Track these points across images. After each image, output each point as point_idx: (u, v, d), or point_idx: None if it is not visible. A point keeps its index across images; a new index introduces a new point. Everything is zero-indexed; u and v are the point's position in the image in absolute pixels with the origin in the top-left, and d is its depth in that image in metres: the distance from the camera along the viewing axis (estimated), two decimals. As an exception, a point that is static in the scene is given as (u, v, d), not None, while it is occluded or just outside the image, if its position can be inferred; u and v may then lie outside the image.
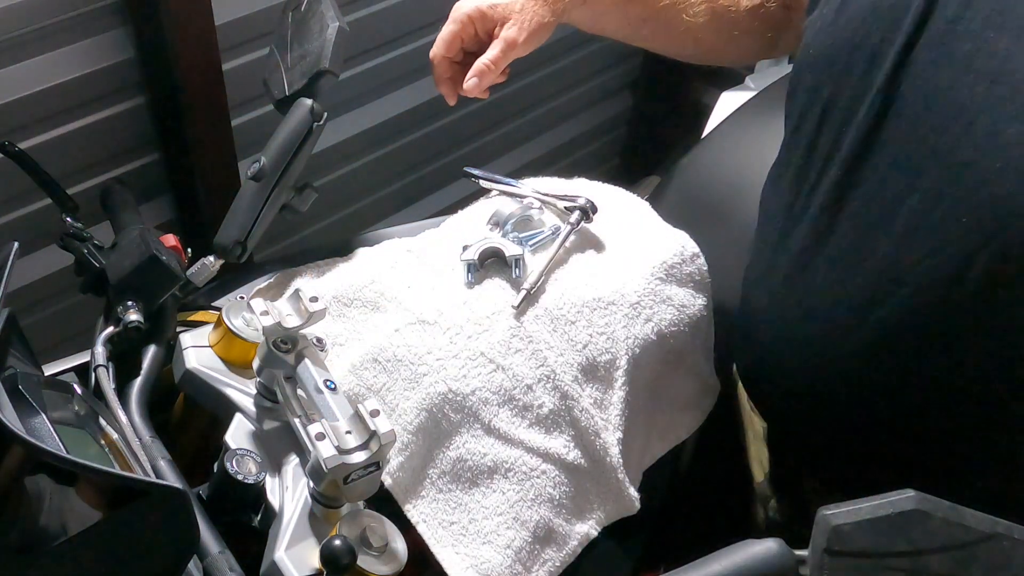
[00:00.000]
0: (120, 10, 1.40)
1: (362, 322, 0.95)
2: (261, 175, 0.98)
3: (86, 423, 0.78)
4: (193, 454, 0.98)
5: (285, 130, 0.99)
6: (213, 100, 1.51)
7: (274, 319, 0.83)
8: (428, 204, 2.09)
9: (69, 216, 1.03)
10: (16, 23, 1.30)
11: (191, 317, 1.04)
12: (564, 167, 2.33)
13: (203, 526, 0.77)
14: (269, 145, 0.99)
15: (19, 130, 1.38)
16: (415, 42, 1.81)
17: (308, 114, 0.99)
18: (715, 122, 1.39)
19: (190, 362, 0.90)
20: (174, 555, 0.70)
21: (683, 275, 0.98)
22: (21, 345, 0.81)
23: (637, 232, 1.01)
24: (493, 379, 0.86)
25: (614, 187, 1.09)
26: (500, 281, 0.93)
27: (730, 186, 1.24)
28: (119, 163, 1.53)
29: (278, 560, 0.76)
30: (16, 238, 0.80)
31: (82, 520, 0.67)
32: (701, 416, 1.00)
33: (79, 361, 0.95)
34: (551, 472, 0.85)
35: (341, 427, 0.77)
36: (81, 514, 0.67)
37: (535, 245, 0.96)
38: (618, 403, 0.89)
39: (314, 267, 1.06)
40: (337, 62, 1.00)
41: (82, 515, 0.67)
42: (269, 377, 0.86)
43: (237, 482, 0.80)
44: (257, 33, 1.55)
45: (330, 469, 0.75)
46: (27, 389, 0.73)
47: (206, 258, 1.00)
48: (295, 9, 1.07)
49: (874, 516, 0.66)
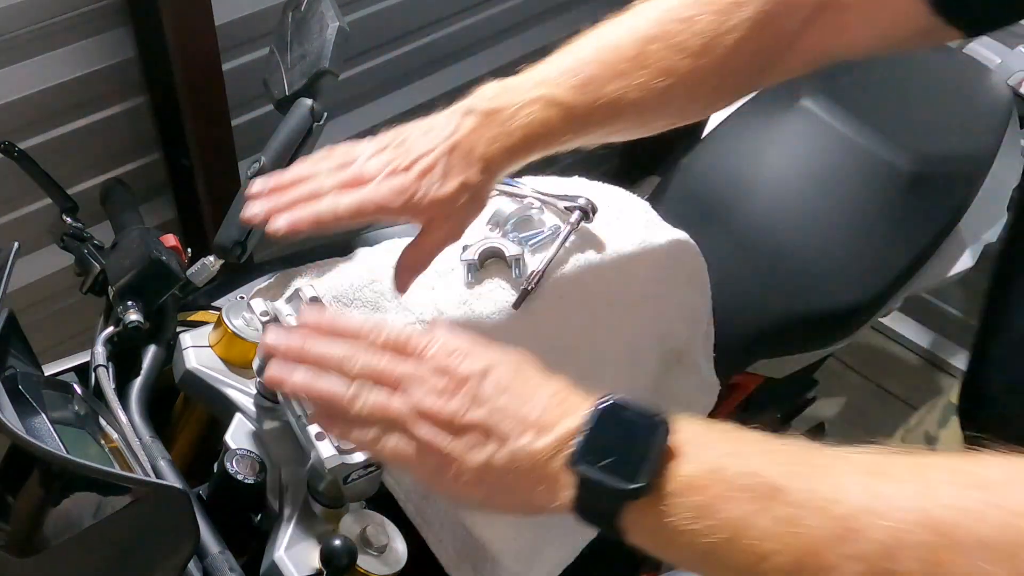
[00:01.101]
0: (120, 10, 1.40)
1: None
2: (261, 175, 0.98)
3: (86, 423, 0.78)
4: (193, 454, 0.98)
5: (285, 130, 0.99)
6: (213, 100, 1.51)
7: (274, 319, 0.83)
8: (428, 204, 2.09)
9: (69, 216, 1.03)
10: (16, 23, 1.30)
11: (191, 317, 1.04)
12: (564, 167, 2.33)
13: (203, 526, 0.77)
14: (269, 145, 0.99)
15: (19, 130, 1.38)
16: (415, 42, 1.80)
17: (308, 114, 0.99)
18: (715, 122, 1.38)
19: (190, 362, 0.90)
20: (174, 555, 0.70)
21: (683, 275, 0.99)
22: (21, 345, 0.81)
23: (637, 232, 1.01)
24: (493, 379, 0.86)
25: (614, 187, 1.10)
26: (500, 281, 0.93)
27: (730, 186, 1.24)
28: (119, 163, 1.53)
29: (278, 560, 0.76)
30: (16, 238, 0.80)
31: (82, 520, 0.67)
32: (701, 415, 1.00)
33: (79, 361, 0.95)
34: (551, 472, 0.85)
35: (341, 427, 0.77)
36: (81, 514, 0.67)
37: (535, 245, 0.96)
38: (618, 403, 0.89)
39: (314, 267, 1.06)
40: (337, 62, 1.00)
41: (82, 515, 0.67)
42: (269, 377, 0.86)
43: (237, 482, 0.80)
44: (257, 33, 1.55)
45: (330, 469, 0.75)
46: (27, 389, 0.73)
47: (206, 258, 1.00)
48: (295, 9, 1.07)
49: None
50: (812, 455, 0.57)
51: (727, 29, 0.82)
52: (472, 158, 0.80)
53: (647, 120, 0.87)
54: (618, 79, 0.82)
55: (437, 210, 0.80)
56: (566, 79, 0.81)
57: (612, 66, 0.82)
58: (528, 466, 0.61)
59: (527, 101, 0.80)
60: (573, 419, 0.61)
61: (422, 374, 0.65)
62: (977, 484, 0.53)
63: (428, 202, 0.79)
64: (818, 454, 0.57)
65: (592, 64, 0.82)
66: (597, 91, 0.81)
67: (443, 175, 0.79)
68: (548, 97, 0.81)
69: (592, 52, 0.83)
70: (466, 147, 0.80)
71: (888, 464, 0.56)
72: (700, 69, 0.83)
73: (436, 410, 0.64)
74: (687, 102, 0.87)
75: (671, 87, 0.82)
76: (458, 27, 1.84)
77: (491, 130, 0.80)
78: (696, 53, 0.82)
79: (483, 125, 0.80)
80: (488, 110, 0.80)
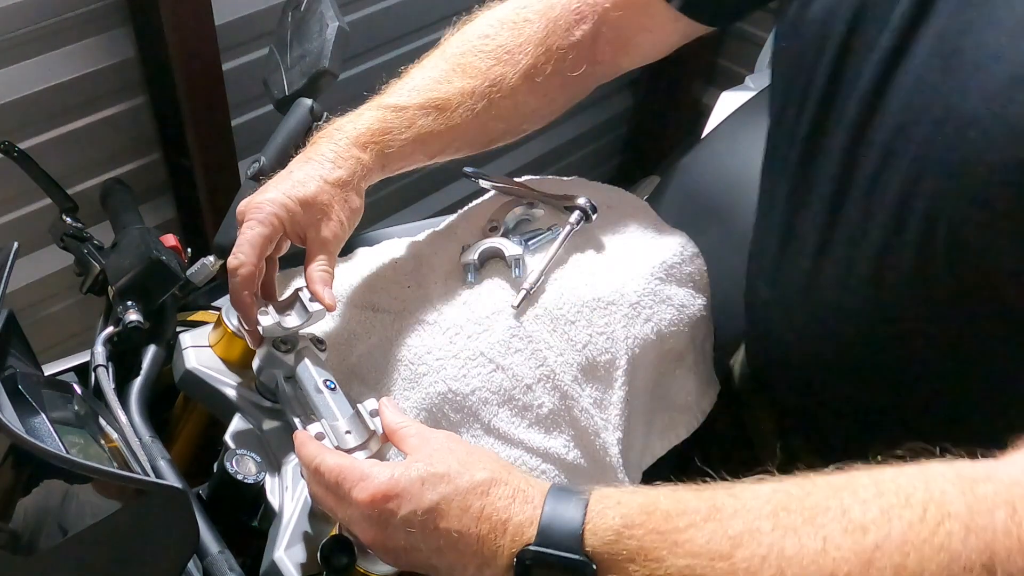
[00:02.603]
0: (120, 10, 1.40)
1: (362, 322, 0.95)
2: (261, 175, 0.98)
3: (86, 423, 0.78)
4: (193, 454, 0.98)
5: (285, 130, 0.99)
6: (213, 100, 1.51)
7: (274, 319, 0.83)
8: (428, 204, 2.09)
9: (69, 216, 1.03)
10: (16, 23, 1.31)
11: (191, 317, 1.04)
12: (564, 167, 2.33)
13: (203, 526, 0.77)
14: (269, 145, 0.99)
15: (19, 130, 1.38)
16: (415, 42, 1.81)
17: (308, 114, 0.99)
18: (715, 122, 1.39)
19: (190, 362, 0.90)
20: (174, 555, 0.70)
21: (683, 275, 0.98)
22: (21, 345, 0.81)
23: (637, 232, 1.01)
24: (493, 379, 0.86)
25: (614, 187, 1.10)
26: (500, 281, 0.93)
27: (730, 186, 1.24)
28: (119, 163, 1.53)
29: (278, 560, 0.76)
30: (16, 238, 0.81)
31: (82, 520, 0.67)
32: (701, 416, 1.00)
33: (79, 361, 0.95)
34: (551, 472, 0.85)
35: (341, 427, 0.77)
36: (81, 514, 0.67)
37: (535, 245, 0.96)
38: (618, 403, 0.89)
39: (314, 267, 1.06)
40: (337, 62, 1.00)
41: (82, 515, 0.67)
42: (269, 377, 0.86)
43: (237, 482, 0.80)
44: (257, 33, 1.55)
45: (330, 469, 0.75)
46: (27, 389, 0.73)
47: (206, 258, 1.00)
48: (295, 9, 1.07)
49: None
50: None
51: (522, 42, 0.96)
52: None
53: (479, 120, 0.97)
54: (440, 85, 0.95)
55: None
56: (396, 91, 0.95)
57: (434, 79, 0.96)
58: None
59: (365, 110, 0.93)
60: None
61: (353, 516, 0.69)
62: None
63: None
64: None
65: (415, 79, 0.96)
66: (422, 95, 0.94)
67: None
68: (380, 104, 0.93)
69: (415, 72, 0.97)
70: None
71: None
72: (508, 75, 0.96)
73: (375, 545, 0.69)
74: (507, 109, 0.98)
75: (487, 91, 0.95)
76: (458, 27, 1.84)
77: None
78: (501, 60, 0.96)
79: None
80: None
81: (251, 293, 0.84)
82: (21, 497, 0.67)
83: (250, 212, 0.85)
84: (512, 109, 0.98)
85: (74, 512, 0.67)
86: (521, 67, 0.96)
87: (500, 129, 1.01)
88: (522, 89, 0.97)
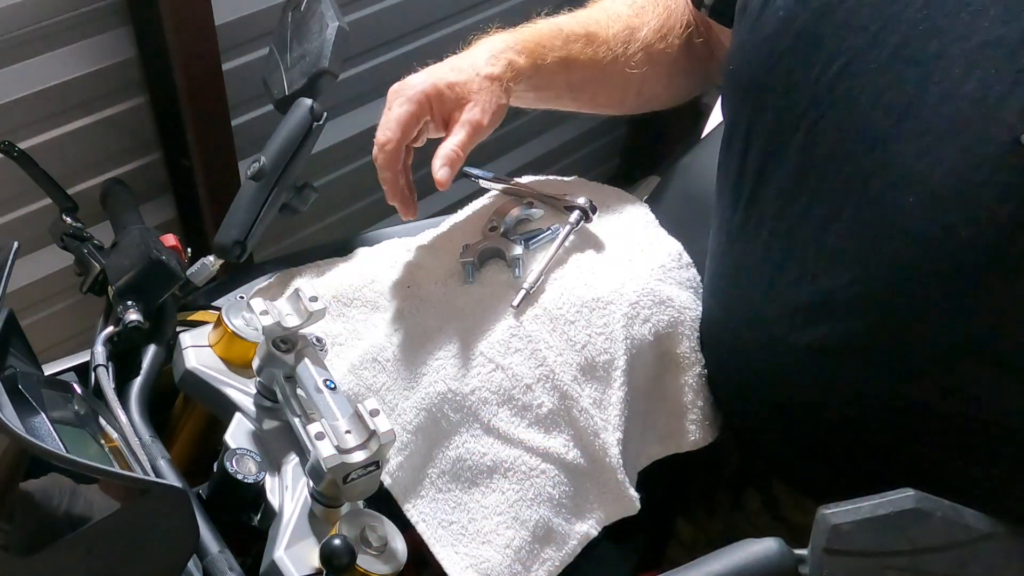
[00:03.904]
0: (120, 10, 1.40)
1: (362, 322, 0.95)
2: (261, 175, 0.98)
3: (86, 423, 0.78)
4: (193, 454, 0.98)
5: (285, 130, 0.99)
6: (213, 100, 1.51)
7: (274, 319, 0.83)
8: (428, 204, 2.08)
9: (69, 216, 1.03)
10: (16, 23, 1.31)
11: (191, 317, 1.04)
12: (564, 167, 2.33)
13: (203, 526, 0.77)
14: (269, 145, 0.99)
15: (19, 130, 1.38)
16: (415, 42, 1.81)
17: (308, 114, 0.99)
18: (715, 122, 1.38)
19: (190, 362, 0.90)
20: (174, 555, 0.70)
21: (681, 278, 0.99)
22: (21, 345, 0.81)
23: (636, 233, 1.01)
24: (492, 379, 0.86)
25: (614, 187, 1.10)
26: (500, 281, 0.93)
27: (730, 186, 1.24)
28: (119, 163, 1.53)
29: (278, 560, 0.76)
30: (16, 238, 0.81)
31: (82, 520, 0.67)
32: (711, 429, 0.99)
33: (79, 361, 0.95)
34: (550, 472, 0.85)
35: (341, 426, 0.77)
36: (81, 513, 0.67)
37: (535, 245, 0.96)
38: (617, 403, 0.89)
39: (314, 267, 1.06)
40: (337, 62, 1.00)
41: (82, 514, 0.67)
42: (269, 377, 0.86)
43: (237, 482, 0.80)
44: (257, 33, 1.55)
45: (330, 468, 0.75)
46: (27, 389, 0.73)
47: (206, 258, 1.00)
48: (295, 9, 1.07)
49: (873, 515, 0.66)
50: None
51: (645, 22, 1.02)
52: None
53: (606, 82, 1.02)
54: (591, 21, 1.00)
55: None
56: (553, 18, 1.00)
57: (587, 14, 1.02)
58: None
59: (523, 26, 0.98)
60: None
61: None
62: None
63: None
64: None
65: (571, 15, 1.02)
66: (578, 23, 0.99)
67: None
68: (538, 22, 0.99)
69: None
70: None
71: None
72: (643, 28, 1.01)
73: None
74: (642, 62, 1.01)
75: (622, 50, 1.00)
76: (458, 27, 1.84)
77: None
78: (640, 15, 1.02)
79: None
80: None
81: (395, 172, 0.89)
82: (21, 497, 0.67)
83: (401, 91, 0.89)
84: (646, 61, 1.01)
85: (74, 512, 0.67)
86: (653, 25, 1.01)
87: (634, 99, 1.05)
88: (656, 48, 1.01)
